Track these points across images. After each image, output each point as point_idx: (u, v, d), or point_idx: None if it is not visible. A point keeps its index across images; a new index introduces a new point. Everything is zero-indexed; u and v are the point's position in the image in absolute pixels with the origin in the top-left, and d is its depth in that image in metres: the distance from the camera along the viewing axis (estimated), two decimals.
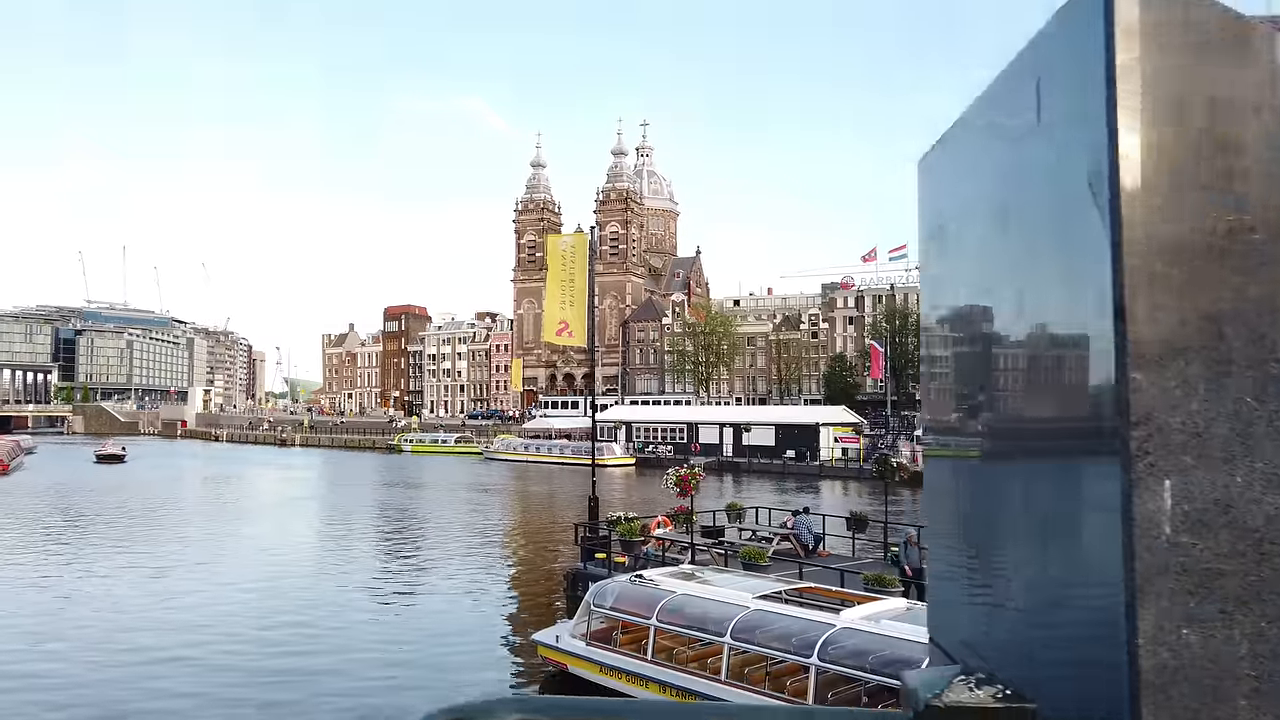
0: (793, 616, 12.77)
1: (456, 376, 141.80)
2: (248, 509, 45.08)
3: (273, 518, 40.99)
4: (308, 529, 37.17)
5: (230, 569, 27.00)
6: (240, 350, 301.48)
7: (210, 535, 34.84)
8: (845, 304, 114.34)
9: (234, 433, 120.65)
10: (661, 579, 15.08)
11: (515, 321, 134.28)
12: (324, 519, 40.19)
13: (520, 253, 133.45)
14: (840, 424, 65.17)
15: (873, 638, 11.60)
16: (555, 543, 33.41)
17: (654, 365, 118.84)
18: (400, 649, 17.89)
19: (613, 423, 77.18)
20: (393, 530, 36.33)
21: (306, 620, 20.10)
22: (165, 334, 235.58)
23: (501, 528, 38.73)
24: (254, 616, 20.54)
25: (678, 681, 13.28)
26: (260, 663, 16.79)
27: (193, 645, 18.12)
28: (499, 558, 30.46)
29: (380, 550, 30.95)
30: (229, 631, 19.07)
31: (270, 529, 36.95)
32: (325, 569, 26.91)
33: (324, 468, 74.10)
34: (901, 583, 16.14)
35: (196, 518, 40.87)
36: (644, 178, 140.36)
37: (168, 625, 19.61)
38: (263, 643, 18.14)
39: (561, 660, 15.27)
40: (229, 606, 21.86)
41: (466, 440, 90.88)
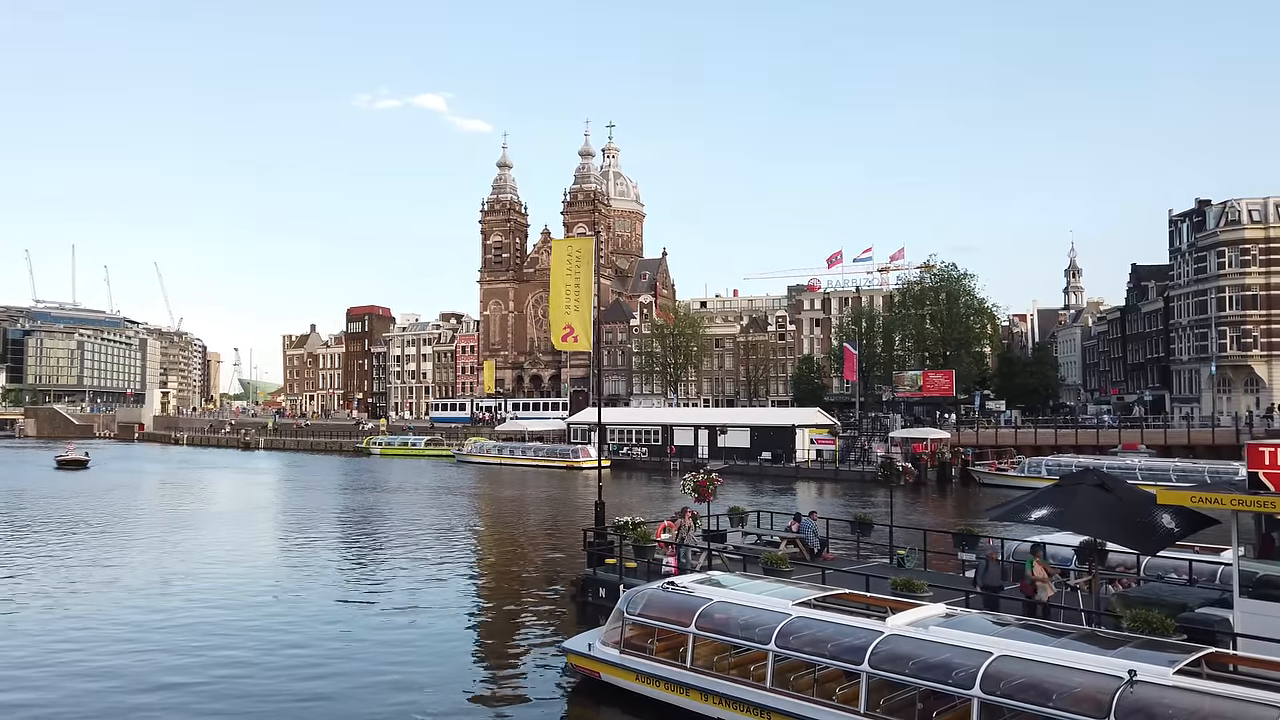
0: (837, 623, 12.89)
1: (422, 378, 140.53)
2: (228, 516, 44.29)
3: (259, 525, 40.32)
4: (290, 537, 36.56)
5: (221, 579, 26.55)
6: (195, 351, 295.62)
7: (203, 543, 34.22)
8: (812, 306, 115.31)
9: (195, 436, 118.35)
10: (694, 586, 15.13)
11: (482, 323, 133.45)
12: (309, 528, 39.36)
13: (487, 254, 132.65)
14: (816, 426, 65.71)
15: (924, 644, 11.75)
16: (550, 547, 33.31)
17: (622, 367, 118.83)
18: (414, 665, 17.40)
19: (587, 425, 77.05)
20: (381, 538, 35.74)
21: (301, 638, 19.49)
22: (117, 335, 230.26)
23: (492, 533, 38.47)
24: (257, 630, 20.17)
25: (720, 689, 13.34)
26: (265, 685, 16.25)
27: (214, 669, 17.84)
28: (497, 564, 30.28)
29: (373, 561, 30.33)
30: (230, 651, 18.56)
31: (257, 536, 36.38)
32: (321, 582, 26.33)
33: (293, 472, 73.00)
34: (980, 596, 15.94)
35: (177, 525, 40.04)
36: (610, 179, 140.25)
37: (162, 646, 19.10)
38: (265, 666, 17.37)
39: (595, 669, 15.25)
40: (238, 620, 21.53)
41: (436, 443, 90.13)
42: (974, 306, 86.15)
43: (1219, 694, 9.45)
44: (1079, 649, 10.82)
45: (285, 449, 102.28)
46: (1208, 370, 73.51)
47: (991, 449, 61.51)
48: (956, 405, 75.03)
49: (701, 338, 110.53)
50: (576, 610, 21.68)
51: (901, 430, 62.78)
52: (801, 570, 19.09)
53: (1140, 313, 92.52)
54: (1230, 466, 47.60)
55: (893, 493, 23.79)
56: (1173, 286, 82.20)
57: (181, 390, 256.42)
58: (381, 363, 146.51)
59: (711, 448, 67.79)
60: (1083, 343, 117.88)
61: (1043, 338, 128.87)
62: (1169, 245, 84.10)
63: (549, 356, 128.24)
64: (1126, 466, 47.37)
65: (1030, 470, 52.94)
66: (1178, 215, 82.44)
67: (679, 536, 21.44)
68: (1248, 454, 13.36)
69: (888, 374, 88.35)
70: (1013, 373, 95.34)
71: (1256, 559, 13.84)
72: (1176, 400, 78.06)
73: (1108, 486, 15.06)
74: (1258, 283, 71.24)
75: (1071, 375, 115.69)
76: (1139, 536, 14.28)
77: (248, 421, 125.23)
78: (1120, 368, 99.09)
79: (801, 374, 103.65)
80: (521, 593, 24.74)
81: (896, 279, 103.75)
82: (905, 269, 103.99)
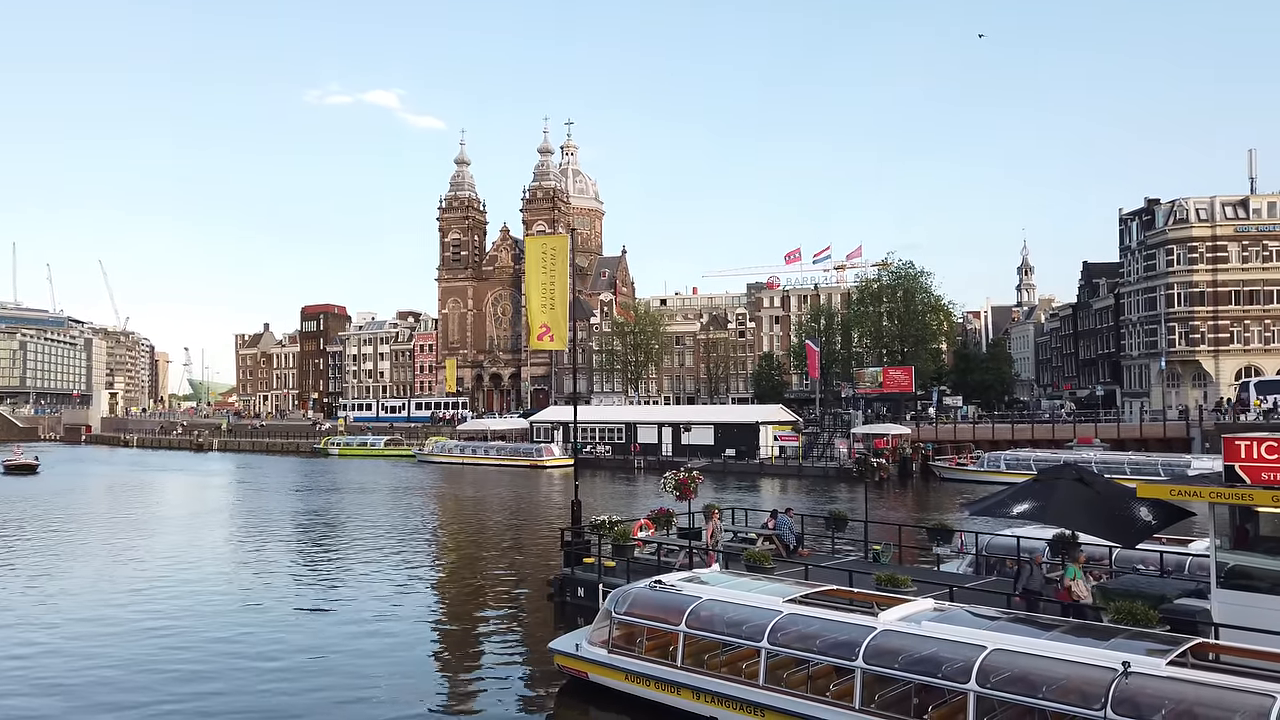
0: (829, 619, 12.95)
1: (379, 377, 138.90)
2: (180, 520, 43.30)
3: (214, 530, 39.41)
4: (247, 542, 35.68)
5: (175, 587, 25.92)
6: (142, 351, 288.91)
7: (154, 550, 33.37)
8: (771, 304, 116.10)
9: (145, 437, 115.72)
10: (682, 584, 15.11)
11: (440, 321, 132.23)
12: (267, 532, 38.27)
13: (445, 251, 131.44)
14: (779, 423, 66.15)
15: (918, 639, 11.86)
16: (520, 547, 33.10)
17: (582, 365, 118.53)
18: (390, 674, 16.82)
19: (550, 423, 76.78)
20: (344, 542, 34.69)
21: (265, 651, 18.48)
22: (61, 334, 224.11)
23: (459, 534, 38.11)
24: (215, 642, 19.20)
25: (712, 687, 13.34)
26: (229, 702, 15.45)
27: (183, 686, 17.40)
28: (467, 566, 29.96)
29: (337, 566, 29.29)
30: (186, 666, 17.63)
31: (211, 542, 35.58)
32: (282, 590, 25.23)
33: (249, 473, 71.67)
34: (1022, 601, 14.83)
35: (128, 530, 39.11)
36: (569, 176, 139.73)
37: (111, 661, 18.30)
38: (227, 681, 16.50)
39: (582, 669, 15.17)
40: (193, 631, 21.06)
41: (396, 442, 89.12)
42: (930, 304, 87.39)
43: (1211, 683, 9.66)
44: (1072, 641, 10.98)
45: (240, 450, 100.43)
46: (1157, 365, 75.38)
47: (950, 444, 62.41)
48: (915, 401, 76.02)
49: (662, 335, 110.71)
50: (554, 610, 21.56)
51: (863, 426, 63.42)
52: (781, 567, 19.17)
53: (1091, 309, 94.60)
54: (1182, 459, 48.86)
55: (867, 488, 23.93)
56: (1123, 284, 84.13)
57: (129, 391, 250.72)
58: (338, 362, 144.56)
59: (675, 445, 67.92)
60: (1036, 339, 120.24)
61: (997, 334, 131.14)
62: (1119, 243, 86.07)
63: (509, 355, 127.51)
64: (1083, 460, 48.35)
65: (990, 465, 53.86)
66: (1128, 214, 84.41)
67: (712, 538, 21.07)
68: (1224, 448, 13.67)
69: (846, 371, 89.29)
70: (969, 369, 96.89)
71: (1231, 550, 14.20)
72: (1127, 395, 79.94)
73: (1086, 480, 15.35)
74: (1205, 280, 73.20)
75: (1025, 371, 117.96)
76: (1119, 530, 14.57)
77: (200, 422, 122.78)
78: (1072, 363, 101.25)
79: (762, 371, 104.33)
80: (496, 594, 24.53)
81: (855, 277, 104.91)
82: (862, 267, 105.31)
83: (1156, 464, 46.35)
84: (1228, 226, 73.08)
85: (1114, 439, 58.73)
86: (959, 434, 64.73)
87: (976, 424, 68.37)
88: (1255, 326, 72.64)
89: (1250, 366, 72.61)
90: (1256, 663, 10.59)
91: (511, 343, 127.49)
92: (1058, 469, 16.30)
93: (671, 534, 23.71)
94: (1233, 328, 72.92)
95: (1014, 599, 14.84)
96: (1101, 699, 9.84)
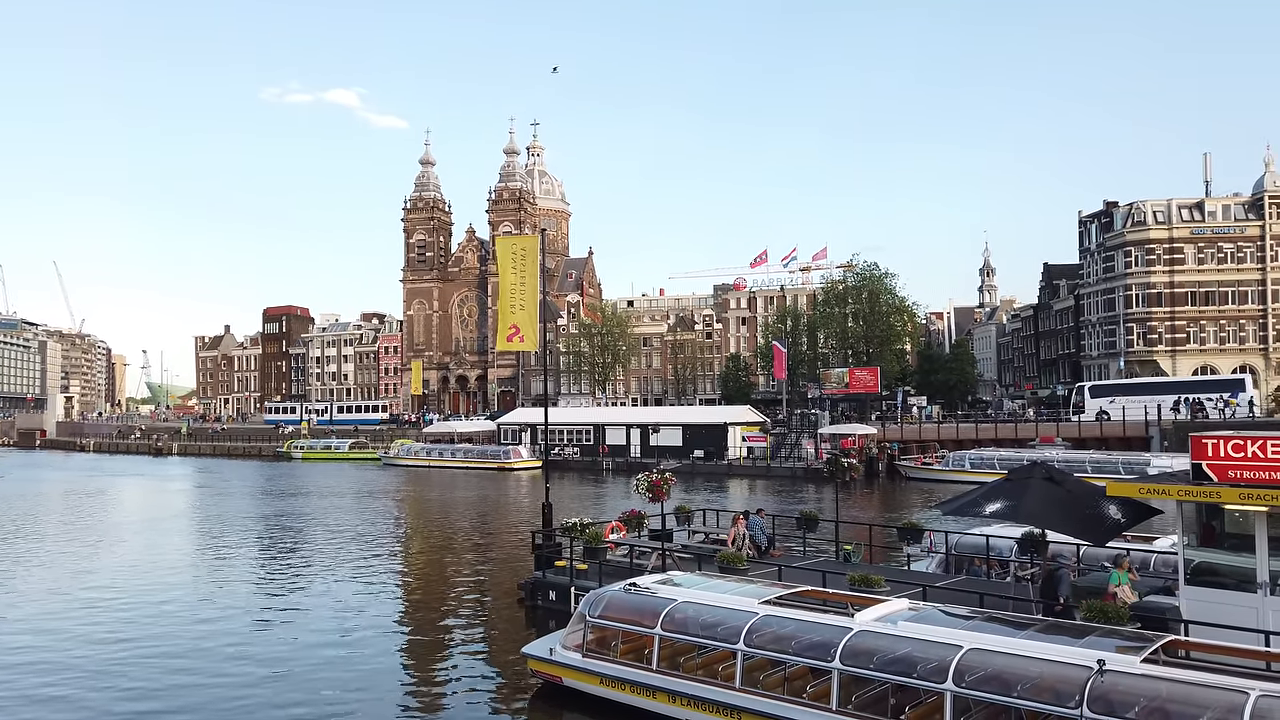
0: (805, 620, 12.92)
1: (343, 380, 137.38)
2: (138, 526, 42.39)
3: (172, 536, 38.65)
4: (208, 549, 35.01)
5: (132, 597, 25.36)
6: (99, 354, 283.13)
7: (109, 559, 32.62)
8: (738, 305, 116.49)
9: (102, 442, 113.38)
10: (657, 586, 15.02)
11: (405, 323, 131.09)
12: (228, 538, 37.47)
13: (410, 252, 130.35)
14: (747, 423, 66.36)
15: (894, 639, 11.87)
16: (489, 551, 32.86)
17: (550, 367, 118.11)
18: (359, 682, 16.43)
19: (518, 425, 76.39)
20: (308, 547, 33.97)
21: (227, 661, 17.84)
22: (14, 337, 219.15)
23: (426, 538, 37.67)
24: (172, 657, 18.81)
25: (689, 690, 13.26)
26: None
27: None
28: (434, 570, 29.61)
29: (301, 572, 28.62)
30: (139, 683, 17.11)
31: (170, 549, 34.88)
32: (244, 597, 24.49)
33: (210, 478, 70.45)
34: (1052, 610, 14.23)
35: (82, 538, 38.24)
36: (535, 177, 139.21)
37: (60, 679, 17.52)
38: (209, 687, 16.23)
39: (556, 673, 15.01)
40: (150, 643, 20.58)
41: (361, 446, 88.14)
42: (895, 305, 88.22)
43: (1185, 680, 9.76)
44: (1047, 640, 11.05)
45: (200, 455, 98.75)
46: (1116, 365, 76.68)
47: (915, 444, 62.98)
48: (879, 402, 76.67)
49: (629, 337, 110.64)
50: (525, 614, 21.37)
51: (830, 426, 63.80)
52: (754, 567, 19.15)
53: (1052, 310, 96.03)
54: (1141, 457, 49.67)
55: (838, 488, 24.00)
56: (1083, 285, 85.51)
57: (85, 394, 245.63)
58: (301, 364, 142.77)
59: (644, 446, 67.86)
60: (997, 339, 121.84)
61: (959, 335, 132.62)
62: (1079, 245, 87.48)
63: (475, 357, 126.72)
64: (1045, 459, 48.96)
65: (954, 464, 54.44)
66: (1087, 216, 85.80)
67: (737, 545, 20.58)
68: (1191, 446, 13.87)
69: (813, 371, 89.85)
70: (932, 369, 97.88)
71: (1198, 547, 14.41)
72: None
73: (1056, 479, 15.49)
74: (1162, 281, 74.65)
75: (988, 371, 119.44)
76: (1089, 528, 14.71)
77: (159, 426, 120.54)
78: (1034, 363, 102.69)
79: (729, 372, 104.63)
80: (465, 599, 24.28)
81: (820, 278, 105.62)
82: (828, 269, 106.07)
83: (1117, 462, 47.05)
84: (1184, 229, 74.60)
85: (1075, 438, 59.58)
86: (923, 434, 65.36)
87: (941, 424, 69.08)
88: (1210, 327, 74.20)
89: (1206, 366, 74.14)
90: (1227, 659, 10.73)
91: (478, 344, 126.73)
92: (1028, 468, 16.42)
93: (643, 536, 23.63)
94: (1189, 328, 74.43)
95: (1040, 605, 14.44)
96: (1077, 697, 9.91)
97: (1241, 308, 73.73)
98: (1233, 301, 73.95)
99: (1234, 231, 74.15)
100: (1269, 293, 73.20)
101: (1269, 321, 73.09)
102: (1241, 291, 73.89)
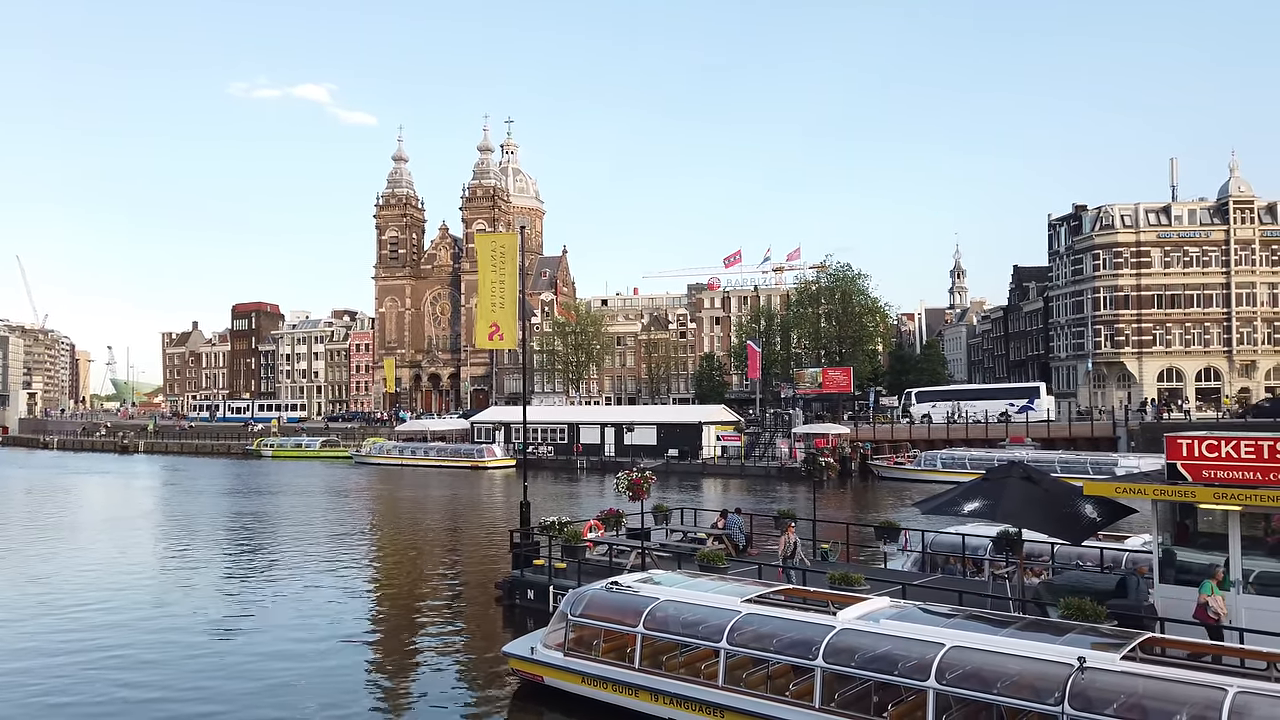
0: (788, 619, 12.97)
1: (314, 378, 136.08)
2: (102, 525, 41.71)
3: (137, 536, 38.02)
4: (175, 549, 34.37)
5: (94, 598, 24.97)
6: (62, 349, 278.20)
7: (70, 560, 32.03)
8: (712, 305, 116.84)
9: (66, 439, 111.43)
10: (639, 585, 15.01)
11: (377, 320, 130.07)
12: (196, 537, 36.70)
13: (382, 249, 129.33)
14: (721, 423, 66.54)
15: (877, 637, 11.94)
16: (464, 550, 32.67)
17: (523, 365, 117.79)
18: (339, 681, 16.32)
19: (491, 423, 76.08)
20: (279, 547, 33.29)
21: (202, 662, 17.50)
22: None
23: (400, 538, 37.37)
24: (144, 661, 18.62)
25: (671, 688, 13.26)
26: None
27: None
28: (409, 570, 29.38)
29: (273, 573, 28.00)
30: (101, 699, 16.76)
31: (135, 549, 34.31)
32: (212, 598, 23.91)
33: (177, 476, 69.47)
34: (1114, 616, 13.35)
35: (42, 537, 37.58)
36: (509, 175, 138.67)
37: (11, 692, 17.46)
38: (175, 690, 15.91)
39: (537, 672, 14.96)
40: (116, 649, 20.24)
41: (332, 444, 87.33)
42: (867, 306, 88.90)
43: (1165, 677, 9.91)
44: (1027, 638, 11.17)
45: (168, 452, 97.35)
46: (1084, 366, 77.77)
47: (888, 443, 63.48)
48: (852, 402, 77.19)
49: (603, 336, 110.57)
50: (503, 613, 21.28)
51: (804, 426, 64.13)
52: (733, 566, 19.20)
53: (1021, 312, 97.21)
54: (1109, 457, 50.45)
55: (815, 488, 24.12)
56: (1052, 287, 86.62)
57: (48, 391, 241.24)
58: (270, 361, 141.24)
59: (618, 445, 67.83)
60: (968, 340, 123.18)
61: (930, 336, 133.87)
62: (1048, 248, 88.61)
63: (447, 355, 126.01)
64: (1015, 459, 49.48)
65: (926, 464, 54.94)
66: (1056, 219, 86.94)
67: (788, 550, 19.72)
68: (1167, 446, 14.07)
69: (786, 371, 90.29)
70: (904, 369, 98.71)
71: (1172, 545, 14.65)
72: (1055, 395, 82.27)
73: (1034, 479, 15.64)
74: (1129, 284, 75.78)
75: (958, 372, 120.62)
76: (1066, 527, 14.88)
77: (125, 424, 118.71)
78: (1003, 364, 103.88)
79: (703, 372, 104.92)
80: (442, 599, 24.11)
81: (794, 279, 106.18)
82: (801, 269, 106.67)
83: (1086, 462, 47.69)
84: (1151, 233, 75.78)
85: (1044, 438, 60.34)
86: (895, 433, 65.90)
87: (913, 423, 69.69)
88: (1176, 329, 75.45)
89: (1172, 368, 75.41)
90: (1203, 656, 10.92)
91: (451, 342, 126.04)
92: (1005, 468, 16.58)
93: (621, 535, 23.61)
94: (1155, 330, 75.62)
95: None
96: (1058, 694, 10.02)
97: (1206, 311, 75.03)
98: (1198, 305, 75.24)
99: (1200, 236, 75.45)
100: (1233, 296, 74.56)
101: (1233, 325, 74.45)
102: (1206, 295, 75.20)
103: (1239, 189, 75.59)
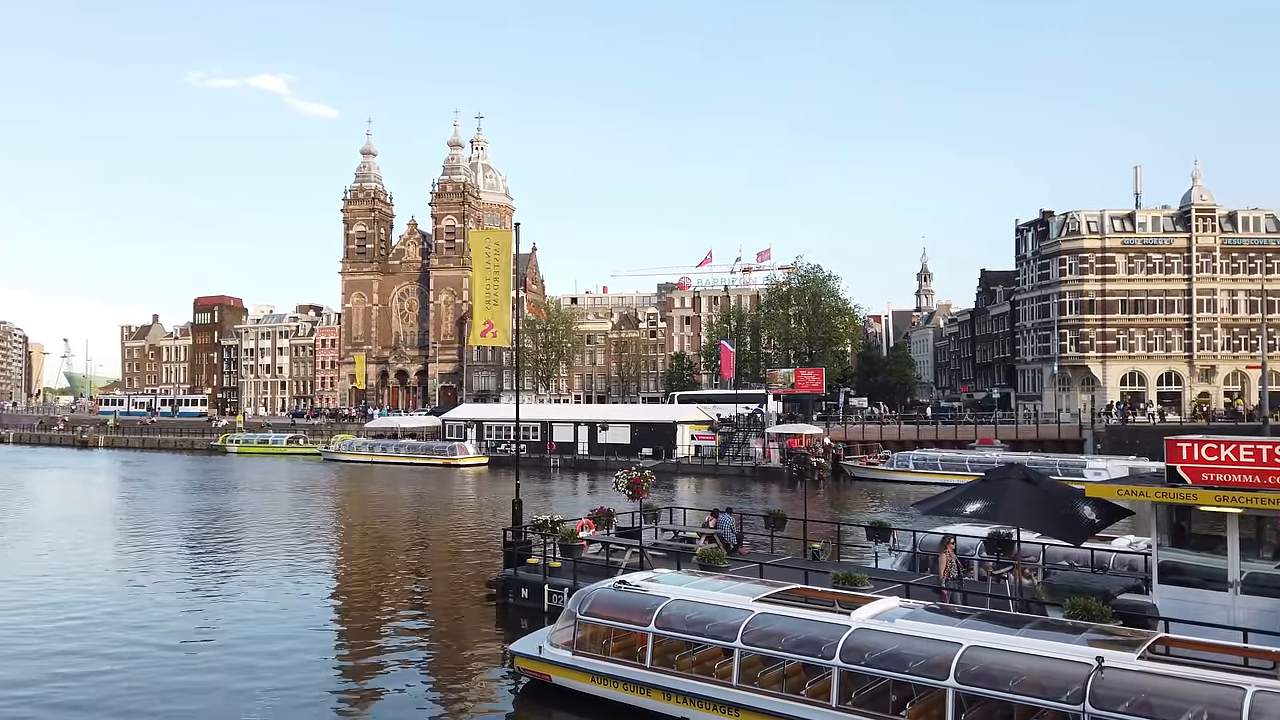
0: (803, 618, 13.07)
1: (278, 373, 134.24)
2: (57, 523, 40.81)
3: (103, 533, 37.10)
4: (136, 549, 32.78)
5: (64, 602, 24.46)
6: (15, 341, 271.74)
7: (20, 558, 31.35)
8: (682, 304, 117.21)
9: (22, 433, 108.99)
10: (647, 584, 15.04)
11: (344, 315, 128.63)
12: (158, 536, 35.09)
13: (350, 244, 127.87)
14: (695, 422, 66.74)
15: (893, 637, 12.08)
16: (442, 549, 32.44)
17: (492, 362, 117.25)
18: (336, 686, 16.07)
19: (463, 421, 75.63)
20: (251, 548, 31.94)
21: (166, 670, 16.62)
22: None
23: (376, 537, 36.89)
24: (102, 672, 18.42)
25: (684, 687, 13.31)
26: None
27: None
28: (393, 570, 29.09)
29: (248, 575, 26.93)
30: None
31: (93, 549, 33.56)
32: (178, 600, 23.04)
33: (138, 471, 68.21)
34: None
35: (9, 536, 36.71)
36: (479, 171, 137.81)
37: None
38: (139, 703, 15.70)
39: (545, 671, 14.93)
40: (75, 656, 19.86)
41: (298, 440, 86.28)
42: (837, 307, 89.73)
43: (1183, 677, 10.13)
44: (1044, 637, 11.37)
45: (129, 447, 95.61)
46: (1050, 370, 79.11)
47: (858, 444, 64.14)
48: (821, 402, 77.84)
49: (573, 334, 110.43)
50: (496, 612, 21.17)
51: (777, 426, 64.54)
52: (732, 566, 19.30)
53: (988, 315, 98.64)
54: (1077, 459, 51.45)
55: (806, 486, 24.35)
56: (1018, 291, 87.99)
57: (0, 384, 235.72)
58: (233, 356, 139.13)
59: (591, 444, 67.78)
60: (935, 343, 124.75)
61: (898, 338, 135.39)
62: (1015, 252, 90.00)
63: (415, 351, 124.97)
64: (986, 460, 50.33)
65: (899, 465, 55.58)
66: (1023, 224, 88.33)
67: (947, 573, 20.60)
68: (1166, 449, 14.40)
69: (756, 371, 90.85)
70: (873, 371, 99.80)
71: (1169, 547, 14.99)
72: (1021, 398, 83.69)
73: (1033, 480, 15.94)
74: (1095, 289, 77.22)
75: (925, 374, 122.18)
76: (1067, 528, 15.17)
77: (84, 418, 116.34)
78: (970, 367, 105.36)
79: (674, 371, 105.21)
80: (430, 600, 23.88)
81: (764, 279, 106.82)
82: (771, 270, 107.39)
83: (1055, 464, 48.54)
84: (1115, 239, 77.28)
85: (1012, 440, 61.39)
86: (866, 434, 66.62)
87: (883, 424, 70.50)
88: (1139, 334, 77.02)
89: (1134, 372, 76.97)
90: (1214, 656, 11.19)
91: (419, 339, 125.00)
92: (1004, 469, 16.86)
93: (611, 533, 23.62)
94: (1119, 335, 77.14)
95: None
96: (1079, 693, 10.21)
97: (1168, 316, 76.70)
98: (1160, 310, 76.88)
99: (1162, 243, 77.10)
100: (1194, 303, 76.29)
101: (1194, 330, 76.18)
102: (1169, 301, 76.86)
103: (1201, 197, 77.35)
